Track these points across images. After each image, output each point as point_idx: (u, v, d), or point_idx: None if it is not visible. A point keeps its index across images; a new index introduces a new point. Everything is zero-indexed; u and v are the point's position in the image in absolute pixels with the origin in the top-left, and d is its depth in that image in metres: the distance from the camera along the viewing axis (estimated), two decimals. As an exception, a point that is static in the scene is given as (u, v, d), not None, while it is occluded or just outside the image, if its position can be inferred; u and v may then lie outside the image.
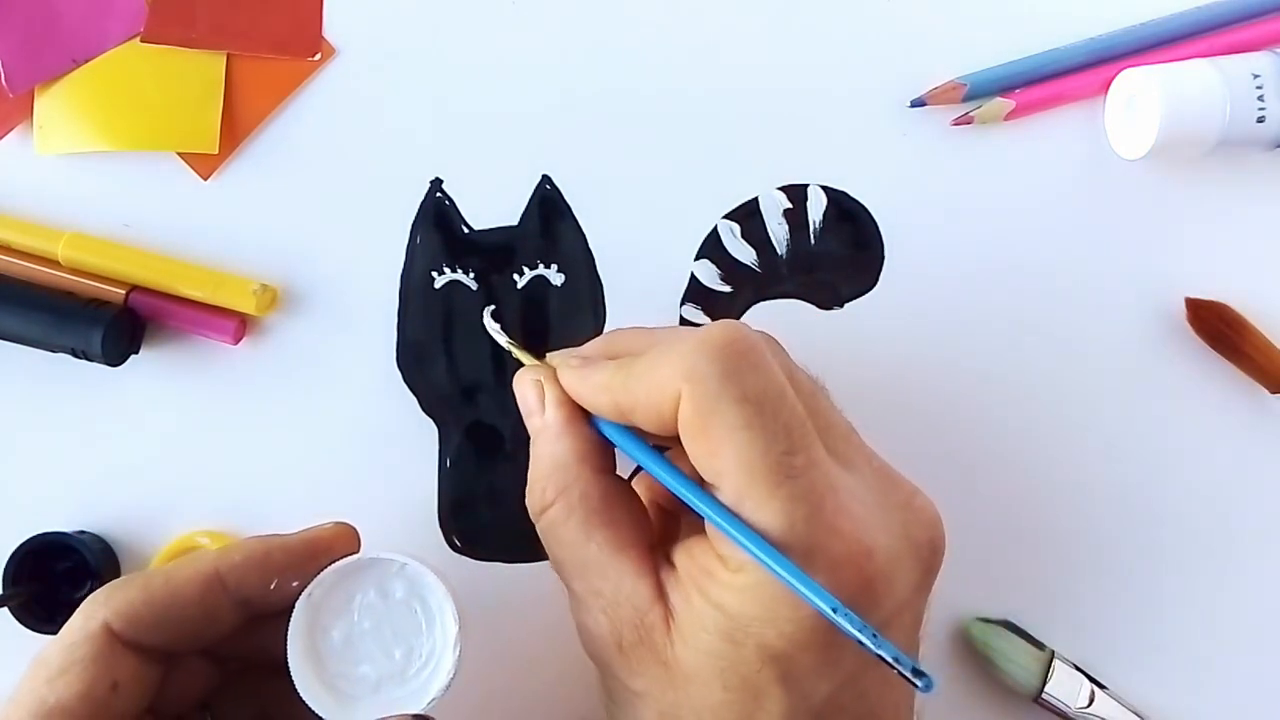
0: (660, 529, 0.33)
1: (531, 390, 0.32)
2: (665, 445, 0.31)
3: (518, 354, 0.34)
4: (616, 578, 0.29)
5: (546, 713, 0.40)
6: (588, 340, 0.40)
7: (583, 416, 0.32)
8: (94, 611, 0.29)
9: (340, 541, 0.33)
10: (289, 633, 0.31)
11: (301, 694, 0.31)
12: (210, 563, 0.31)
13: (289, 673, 0.31)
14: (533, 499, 0.32)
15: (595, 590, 0.30)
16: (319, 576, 0.32)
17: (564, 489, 0.31)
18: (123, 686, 0.29)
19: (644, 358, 0.29)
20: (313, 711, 0.31)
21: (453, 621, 0.32)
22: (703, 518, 0.28)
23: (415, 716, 0.31)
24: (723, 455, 0.27)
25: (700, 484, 0.29)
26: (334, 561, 0.32)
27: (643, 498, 0.34)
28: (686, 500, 0.29)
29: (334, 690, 0.32)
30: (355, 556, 0.32)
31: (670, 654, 0.28)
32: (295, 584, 0.31)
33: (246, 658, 0.33)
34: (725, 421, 0.27)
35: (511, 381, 0.39)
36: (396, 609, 0.32)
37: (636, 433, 0.31)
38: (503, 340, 0.36)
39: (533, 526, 0.40)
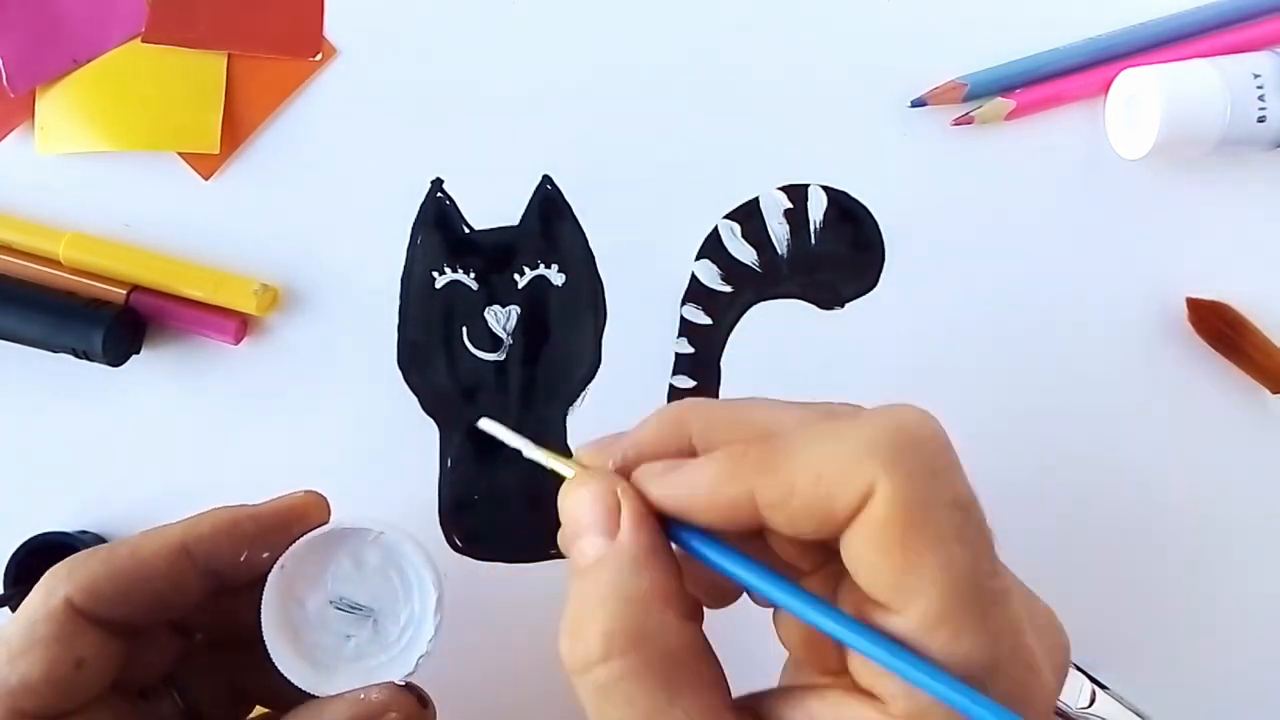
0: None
1: (599, 505, 0.25)
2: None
3: (557, 465, 0.27)
4: None
5: (546, 713, 0.40)
6: (587, 343, 0.40)
7: (666, 546, 0.25)
8: (55, 587, 0.29)
9: (311, 510, 0.32)
10: (262, 604, 0.30)
11: (278, 665, 0.30)
12: (177, 535, 0.30)
13: (263, 644, 0.30)
14: (588, 645, 0.23)
15: None
16: (291, 548, 0.31)
17: (642, 638, 0.23)
18: (87, 663, 0.28)
19: (800, 435, 0.23)
20: (287, 682, 0.30)
21: (432, 589, 0.32)
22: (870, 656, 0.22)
23: (398, 684, 0.30)
24: (922, 572, 0.22)
25: (847, 610, 0.24)
26: (305, 531, 0.31)
27: None
28: (853, 642, 0.23)
29: (311, 660, 0.31)
30: (328, 526, 0.32)
31: None
32: (265, 555, 0.31)
33: (214, 629, 0.33)
34: (936, 531, 0.22)
35: (510, 382, 0.40)
36: (372, 577, 0.32)
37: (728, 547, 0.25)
38: (545, 459, 0.27)
39: (532, 526, 0.40)
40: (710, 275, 0.41)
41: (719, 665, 0.25)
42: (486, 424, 0.29)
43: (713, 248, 0.41)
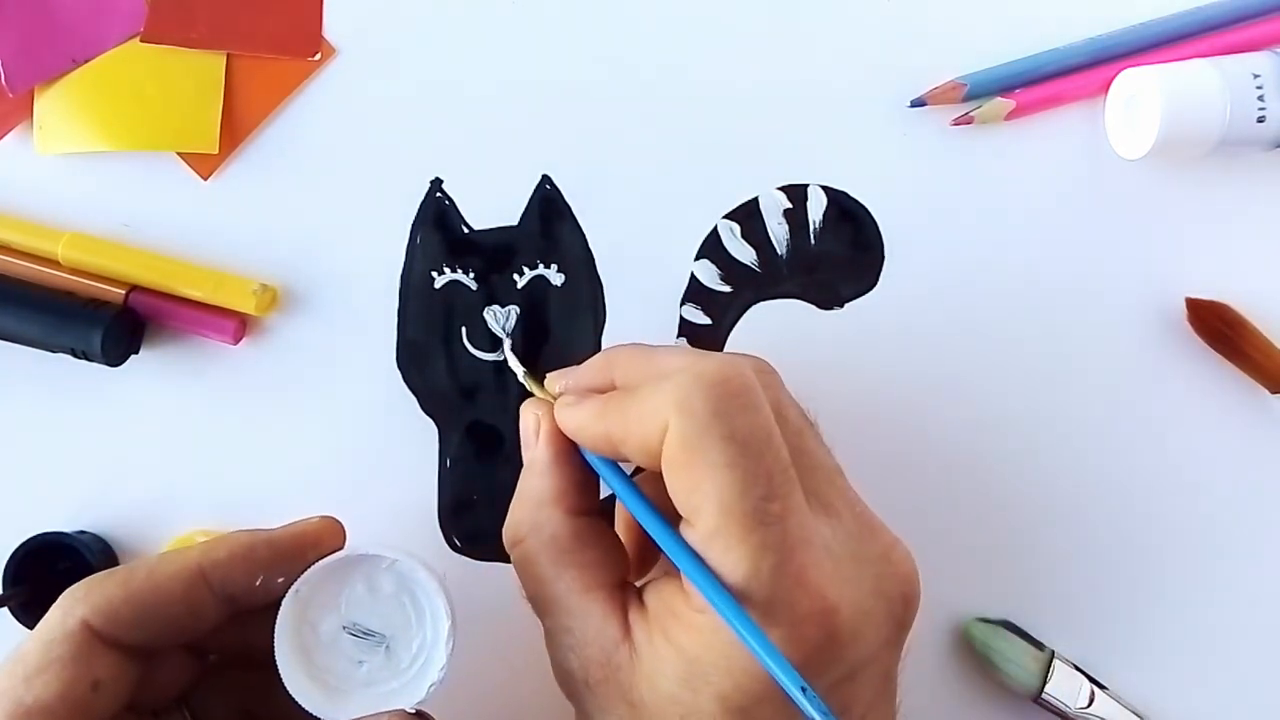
0: (639, 557, 0.33)
1: (530, 423, 0.33)
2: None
3: (528, 385, 0.35)
4: (584, 617, 0.30)
5: (546, 713, 0.40)
6: (587, 344, 0.40)
7: (571, 454, 0.32)
8: (72, 608, 0.29)
9: (326, 536, 0.32)
10: (276, 628, 0.31)
11: (290, 690, 0.30)
12: (194, 559, 0.30)
13: (275, 668, 0.30)
14: (508, 531, 0.32)
15: (564, 628, 0.30)
16: (306, 573, 0.31)
17: (536, 527, 0.31)
18: (103, 685, 0.29)
19: (640, 389, 0.29)
20: (298, 706, 0.30)
21: (445, 617, 0.32)
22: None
23: (409, 712, 0.30)
24: (701, 491, 0.27)
25: (675, 521, 0.29)
26: (321, 557, 0.32)
27: (623, 524, 0.34)
28: (655, 538, 0.29)
29: (323, 685, 0.31)
30: (344, 553, 0.32)
31: (635, 695, 0.28)
32: (281, 580, 0.31)
33: (227, 651, 0.33)
34: (708, 458, 0.27)
35: (509, 382, 0.40)
36: (385, 604, 0.32)
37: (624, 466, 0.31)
38: (518, 370, 0.36)
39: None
40: (710, 275, 0.41)
41: (616, 553, 0.31)
42: (509, 352, 0.38)
43: (712, 248, 0.40)
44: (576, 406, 0.31)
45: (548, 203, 0.40)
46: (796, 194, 0.41)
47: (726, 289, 0.41)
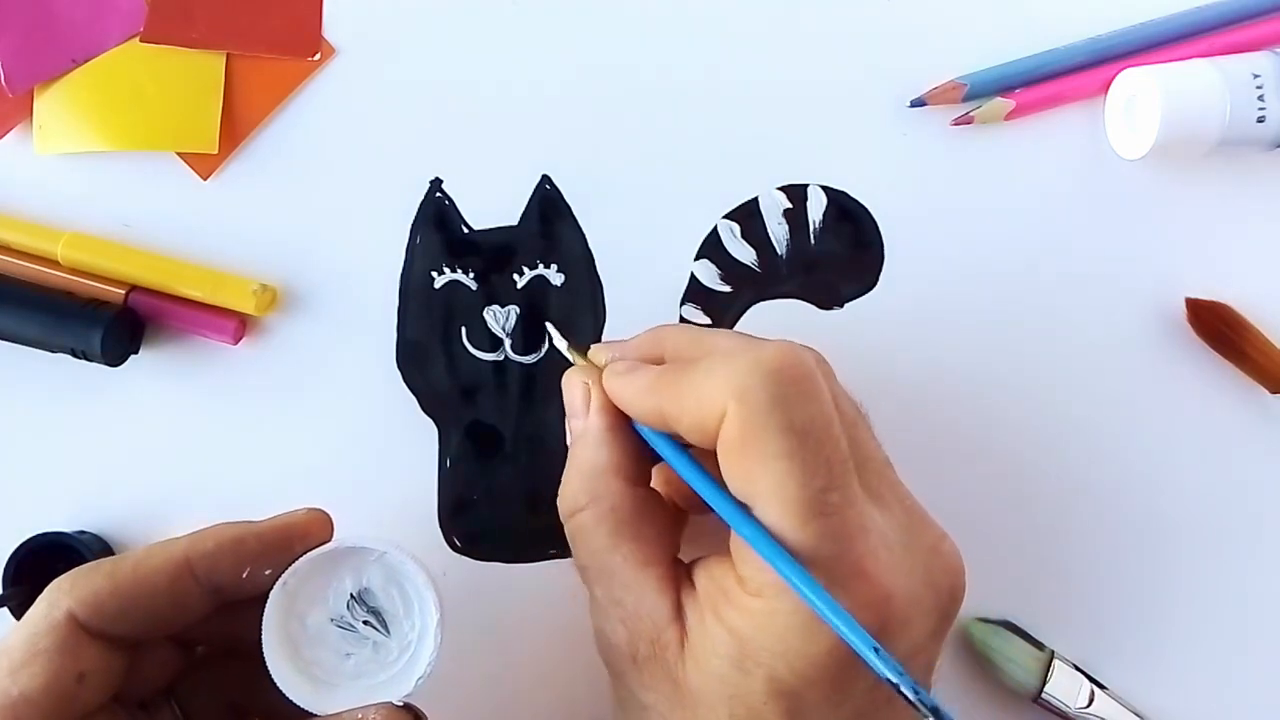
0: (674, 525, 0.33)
1: (578, 392, 0.32)
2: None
3: (571, 356, 0.34)
4: (638, 591, 0.29)
5: (547, 713, 0.40)
6: (587, 344, 0.40)
7: (625, 425, 0.31)
8: (57, 600, 0.29)
9: (314, 528, 0.32)
10: (264, 621, 0.30)
11: (277, 682, 0.30)
12: (180, 550, 0.30)
13: (263, 660, 0.30)
14: (564, 501, 0.32)
15: (616, 600, 0.30)
16: (294, 565, 0.31)
17: (596, 497, 0.30)
18: (88, 677, 0.28)
19: (696, 367, 0.29)
20: (286, 699, 0.30)
21: (433, 609, 0.32)
22: (728, 537, 0.28)
23: (395, 705, 0.30)
24: (758, 481, 0.27)
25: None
26: (308, 550, 0.31)
27: (660, 490, 0.33)
28: (722, 514, 0.28)
29: (310, 678, 0.31)
30: (332, 545, 0.32)
31: (681, 673, 0.28)
32: (268, 572, 0.31)
33: (215, 643, 0.33)
34: (767, 448, 0.27)
35: (509, 382, 0.40)
36: (374, 596, 0.32)
37: (676, 439, 0.30)
38: (561, 343, 0.35)
39: (533, 526, 0.41)
40: (710, 275, 0.41)
41: (670, 528, 0.31)
42: (550, 327, 0.36)
43: (712, 248, 0.40)
44: (629, 376, 0.31)
45: (548, 202, 0.40)
46: (796, 194, 0.41)
47: (726, 289, 0.41)
